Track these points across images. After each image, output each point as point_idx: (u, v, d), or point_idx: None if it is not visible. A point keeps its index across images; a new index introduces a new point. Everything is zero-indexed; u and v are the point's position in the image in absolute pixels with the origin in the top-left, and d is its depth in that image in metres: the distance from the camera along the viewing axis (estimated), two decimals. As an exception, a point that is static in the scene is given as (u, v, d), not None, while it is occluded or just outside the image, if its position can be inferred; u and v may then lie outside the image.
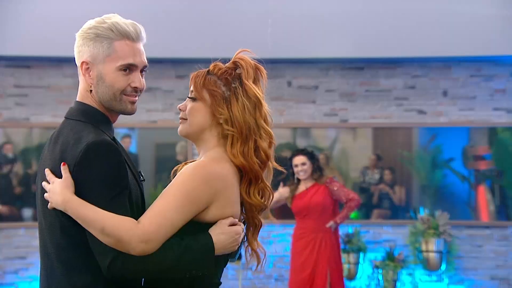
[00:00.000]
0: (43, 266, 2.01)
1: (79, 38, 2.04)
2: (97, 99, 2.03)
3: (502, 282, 7.61)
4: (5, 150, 7.65)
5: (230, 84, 2.08)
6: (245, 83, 2.08)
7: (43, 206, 1.98)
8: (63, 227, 1.92)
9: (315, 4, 7.35)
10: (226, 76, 2.10)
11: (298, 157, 5.97)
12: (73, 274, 1.91)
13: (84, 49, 2.02)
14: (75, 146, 1.91)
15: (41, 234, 2.02)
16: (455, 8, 7.28)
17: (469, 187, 7.75)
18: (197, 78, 2.11)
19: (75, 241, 1.91)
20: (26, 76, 7.65)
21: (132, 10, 7.09)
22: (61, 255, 1.93)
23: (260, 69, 2.15)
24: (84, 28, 2.04)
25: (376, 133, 7.82)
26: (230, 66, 2.13)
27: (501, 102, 7.72)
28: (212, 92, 2.07)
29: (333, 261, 5.88)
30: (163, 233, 1.88)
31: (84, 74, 2.03)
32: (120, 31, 2.02)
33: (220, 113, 2.05)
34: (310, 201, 5.87)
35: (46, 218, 1.98)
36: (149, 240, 1.85)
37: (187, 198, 1.92)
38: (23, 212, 7.61)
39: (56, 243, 1.94)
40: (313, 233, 5.87)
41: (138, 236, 1.84)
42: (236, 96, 2.06)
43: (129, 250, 1.84)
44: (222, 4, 7.35)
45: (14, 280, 7.47)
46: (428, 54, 7.48)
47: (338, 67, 7.78)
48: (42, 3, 7.28)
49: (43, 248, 2.01)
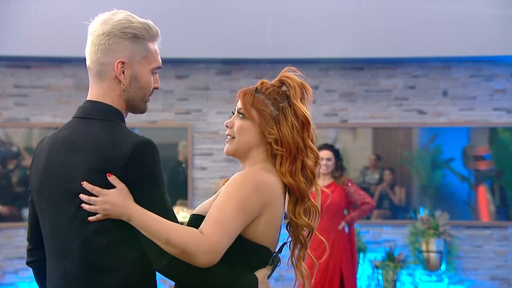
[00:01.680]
0: (63, 269, 1.95)
1: (111, 36, 2.01)
2: (125, 98, 2.02)
3: (502, 282, 7.61)
4: (8, 145, 7.66)
5: (278, 103, 2.08)
6: (294, 102, 2.08)
7: (73, 215, 1.92)
8: (100, 230, 1.89)
9: (315, 4, 7.35)
10: (274, 95, 2.10)
11: (326, 151, 5.93)
12: (106, 275, 1.89)
13: (119, 48, 2.01)
14: (118, 147, 1.89)
15: (62, 238, 1.96)
16: (455, 8, 7.28)
17: (469, 187, 7.75)
18: (245, 96, 2.10)
19: (113, 242, 1.90)
20: (26, 76, 7.65)
21: (132, 10, 7.08)
22: (94, 257, 1.90)
23: (306, 87, 2.14)
24: (115, 26, 2.02)
25: (376, 133, 7.83)
26: (277, 84, 2.13)
27: (501, 102, 7.72)
28: (261, 111, 2.07)
29: (346, 262, 5.83)
30: (226, 243, 1.88)
31: (120, 74, 2.01)
32: (151, 33, 2.05)
33: (270, 133, 2.06)
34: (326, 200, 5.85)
35: (74, 223, 1.92)
36: (214, 252, 1.85)
37: (241, 206, 1.93)
38: (23, 212, 7.60)
39: (92, 246, 1.91)
40: (325, 233, 5.80)
41: (203, 248, 1.84)
42: (285, 116, 2.06)
43: (194, 262, 1.84)
44: (222, 4, 7.35)
45: (14, 280, 7.47)
46: (428, 54, 7.48)
47: (338, 67, 7.78)
48: (42, 3, 7.27)
49: (63, 251, 1.95)
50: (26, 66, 7.64)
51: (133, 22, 2.04)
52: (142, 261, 1.91)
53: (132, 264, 1.90)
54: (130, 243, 1.90)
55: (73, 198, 1.92)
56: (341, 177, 5.94)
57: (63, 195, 1.94)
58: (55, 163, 1.98)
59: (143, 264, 1.92)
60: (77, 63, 7.49)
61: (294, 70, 2.17)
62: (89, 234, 1.90)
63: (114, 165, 1.88)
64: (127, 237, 1.90)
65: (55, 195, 1.96)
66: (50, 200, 1.98)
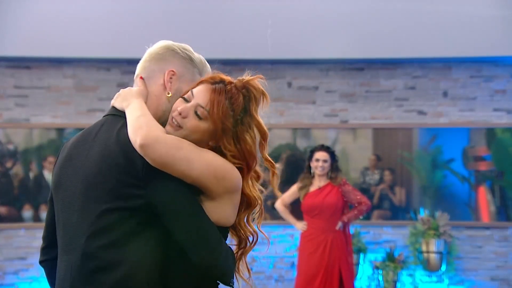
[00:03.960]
0: (68, 262, 1.97)
1: (170, 49, 2.11)
2: (163, 109, 2.06)
3: (502, 283, 7.61)
4: (8, 144, 7.67)
5: (238, 115, 2.01)
6: (254, 116, 2.03)
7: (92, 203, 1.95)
8: (107, 226, 1.91)
9: (315, 5, 7.35)
10: (237, 105, 2.01)
11: (322, 152, 5.96)
12: (108, 271, 1.91)
13: (175, 61, 2.09)
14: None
15: (71, 232, 1.98)
16: (455, 9, 7.28)
17: (469, 188, 7.75)
18: (217, 100, 1.98)
19: (118, 239, 1.91)
20: (26, 76, 7.65)
21: (132, 10, 7.09)
22: (98, 252, 1.91)
23: (266, 97, 2.07)
24: (176, 44, 2.14)
25: (376, 134, 7.82)
26: (241, 91, 2.03)
27: (501, 103, 7.72)
28: (225, 125, 1.98)
29: (344, 262, 5.85)
30: (164, 148, 1.86)
31: (168, 82, 2.07)
32: (205, 67, 2.15)
33: (226, 147, 1.99)
34: (324, 201, 5.85)
35: (83, 217, 1.95)
36: (150, 140, 1.85)
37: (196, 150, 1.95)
38: (23, 212, 7.60)
39: (97, 241, 1.92)
40: (323, 233, 5.84)
41: (153, 135, 1.86)
42: (244, 130, 2.01)
43: (137, 139, 1.86)
44: (222, 4, 7.35)
45: (14, 281, 7.47)
46: (428, 55, 7.48)
47: (338, 68, 7.78)
48: (42, 4, 7.28)
49: (79, 248, 1.95)
50: (26, 66, 7.64)
51: (193, 52, 2.15)
52: (146, 261, 1.92)
53: (135, 263, 1.91)
54: (136, 241, 1.92)
55: (85, 192, 1.95)
56: (337, 178, 5.96)
57: (77, 189, 1.97)
58: (75, 157, 2.02)
59: (147, 264, 1.92)
60: (77, 63, 7.49)
61: (261, 77, 2.07)
62: (96, 229, 1.92)
63: (135, 163, 1.90)
64: (133, 236, 1.91)
65: (70, 189, 2.00)
66: (65, 194, 2.01)
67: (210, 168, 1.92)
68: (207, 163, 1.92)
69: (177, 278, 1.98)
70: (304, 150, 7.70)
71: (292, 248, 7.47)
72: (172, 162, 1.86)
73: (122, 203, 1.90)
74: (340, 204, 5.91)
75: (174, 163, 1.87)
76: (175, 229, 1.90)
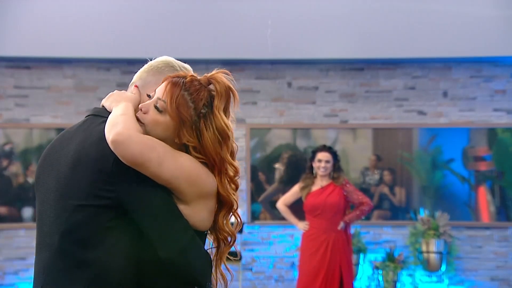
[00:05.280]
0: (43, 260, 1.97)
1: (170, 65, 2.18)
2: None
3: (502, 283, 7.61)
4: (8, 144, 7.67)
5: (201, 109, 1.96)
6: (215, 112, 1.97)
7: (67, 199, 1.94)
8: (81, 224, 1.90)
9: (315, 5, 7.35)
10: (200, 98, 1.97)
11: (325, 153, 5.98)
12: (81, 269, 1.90)
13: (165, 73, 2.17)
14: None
15: (46, 230, 1.98)
16: (455, 9, 7.28)
17: (469, 188, 7.75)
18: (173, 90, 1.96)
19: (92, 237, 1.90)
20: (26, 77, 7.65)
21: (132, 10, 7.09)
22: (72, 250, 1.91)
23: (233, 92, 2.01)
24: (177, 62, 2.21)
25: (376, 134, 7.82)
26: (204, 85, 2.00)
27: (501, 103, 7.72)
28: (182, 115, 1.94)
29: (345, 262, 5.86)
30: (138, 147, 1.85)
31: None
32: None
33: (188, 140, 1.95)
34: (326, 200, 5.86)
35: (57, 215, 1.95)
36: (131, 140, 1.84)
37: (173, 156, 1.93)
38: (23, 212, 7.60)
39: (70, 238, 1.92)
40: (325, 233, 5.85)
41: (126, 133, 1.85)
42: (205, 125, 1.96)
43: (110, 135, 1.85)
44: (222, 4, 7.35)
45: (14, 281, 7.47)
46: (428, 55, 7.48)
47: (338, 68, 7.78)
48: (42, 4, 7.27)
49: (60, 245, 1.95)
50: (26, 66, 7.64)
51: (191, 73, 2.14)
52: (119, 260, 1.91)
53: (107, 262, 1.90)
54: (108, 240, 1.91)
55: (58, 189, 1.95)
56: (340, 178, 5.97)
57: (52, 186, 1.98)
58: (51, 154, 2.04)
59: (120, 264, 1.91)
60: (77, 63, 7.49)
61: (227, 73, 2.03)
62: (68, 227, 1.91)
63: (107, 160, 1.90)
64: (105, 233, 1.90)
65: (45, 186, 2.01)
66: (42, 191, 2.02)
67: (183, 171, 1.90)
68: (179, 166, 1.90)
69: (151, 278, 1.95)
70: (304, 150, 7.70)
71: (292, 248, 7.47)
72: (143, 162, 1.85)
73: (94, 200, 1.89)
74: (342, 204, 5.92)
75: (145, 163, 1.85)
76: (144, 223, 1.89)
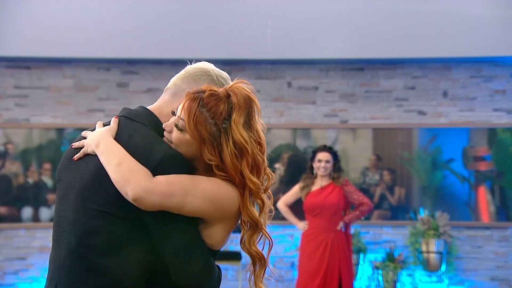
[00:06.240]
0: (58, 260, 1.96)
1: (207, 74, 2.13)
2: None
3: (502, 283, 7.61)
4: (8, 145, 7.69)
5: (222, 124, 1.89)
6: (233, 127, 1.89)
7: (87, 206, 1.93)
8: (100, 228, 1.90)
9: (315, 5, 7.35)
10: (219, 113, 1.89)
11: (325, 153, 5.98)
12: (96, 274, 1.89)
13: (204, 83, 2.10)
14: (148, 152, 1.90)
15: (63, 230, 1.97)
16: (455, 9, 7.28)
17: (469, 188, 7.75)
18: (191, 109, 1.90)
19: (110, 243, 1.90)
20: (26, 77, 7.65)
21: (132, 10, 7.09)
22: (88, 254, 1.91)
23: (254, 101, 1.93)
24: (216, 70, 2.15)
25: (376, 134, 7.82)
26: (223, 98, 1.91)
27: (501, 103, 7.72)
28: (202, 133, 1.88)
29: (344, 262, 5.86)
30: (160, 198, 1.82)
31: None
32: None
33: (209, 158, 1.90)
34: (325, 200, 5.87)
35: (77, 217, 1.94)
36: (147, 192, 1.81)
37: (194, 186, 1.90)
38: (23, 213, 7.60)
39: (88, 243, 1.91)
40: (324, 233, 5.85)
41: (141, 187, 1.81)
42: (226, 139, 1.88)
43: (126, 191, 1.83)
44: (222, 4, 7.35)
45: (14, 281, 7.47)
46: (428, 55, 7.48)
47: (338, 68, 7.78)
48: (42, 4, 7.28)
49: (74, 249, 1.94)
50: (26, 66, 7.64)
51: (228, 83, 2.10)
52: (134, 270, 1.91)
53: (122, 270, 1.89)
54: (126, 249, 1.90)
55: (81, 190, 1.94)
56: (340, 178, 5.98)
57: (75, 187, 1.97)
58: (76, 152, 2.02)
59: (134, 274, 1.91)
60: (77, 64, 7.49)
61: (246, 82, 1.95)
62: (87, 231, 1.90)
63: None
64: (125, 243, 1.90)
65: (69, 185, 1.99)
66: (63, 189, 2.01)
67: (205, 201, 1.87)
68: (201, 197, 1.87)
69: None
70: (304, 150, 7.70)
71: (292, 248, 7.47)
72: (166, 209, 1.85)
73: (116, 210, 1.89)
74: (342, 204, 5.92)
75: (168, 209, 1.85)
76: (162, 245, 1.88)
